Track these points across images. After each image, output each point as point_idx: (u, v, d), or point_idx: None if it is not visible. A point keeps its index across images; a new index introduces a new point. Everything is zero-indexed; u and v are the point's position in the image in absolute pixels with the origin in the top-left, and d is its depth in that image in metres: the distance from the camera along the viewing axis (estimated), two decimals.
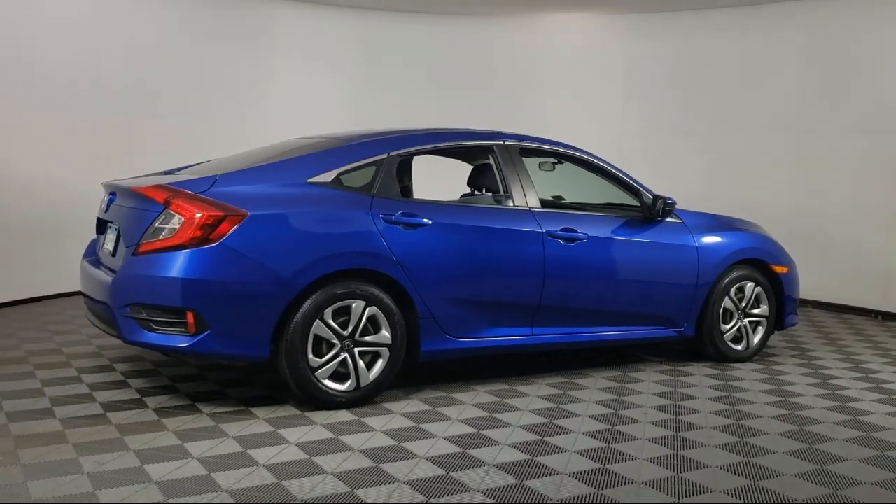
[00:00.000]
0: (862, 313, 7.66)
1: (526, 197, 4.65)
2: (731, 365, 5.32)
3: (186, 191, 3.88)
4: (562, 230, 4.65)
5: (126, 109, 7.42)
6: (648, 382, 4.79)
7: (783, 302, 5.57)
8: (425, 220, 4.24)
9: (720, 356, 5.34)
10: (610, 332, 4.93)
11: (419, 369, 4.62)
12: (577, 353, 5.34)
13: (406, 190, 5.62)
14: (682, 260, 5.12)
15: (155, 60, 7.66)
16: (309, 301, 3.91)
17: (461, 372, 4.82)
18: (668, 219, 5.13)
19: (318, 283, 3.94)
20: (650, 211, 5.03)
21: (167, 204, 3.82)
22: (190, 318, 3.75)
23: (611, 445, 3.63)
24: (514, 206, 4.60)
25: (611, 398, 4.41)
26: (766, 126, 8.28)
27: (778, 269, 5.53)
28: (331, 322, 3.97)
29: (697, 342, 5.34)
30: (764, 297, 5.47)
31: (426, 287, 4.21)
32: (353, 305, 4.02)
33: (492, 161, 4.76)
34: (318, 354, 3.96)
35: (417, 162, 5.64)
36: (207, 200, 3.82)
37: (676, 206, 5.10)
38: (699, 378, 4.93)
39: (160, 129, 7.62)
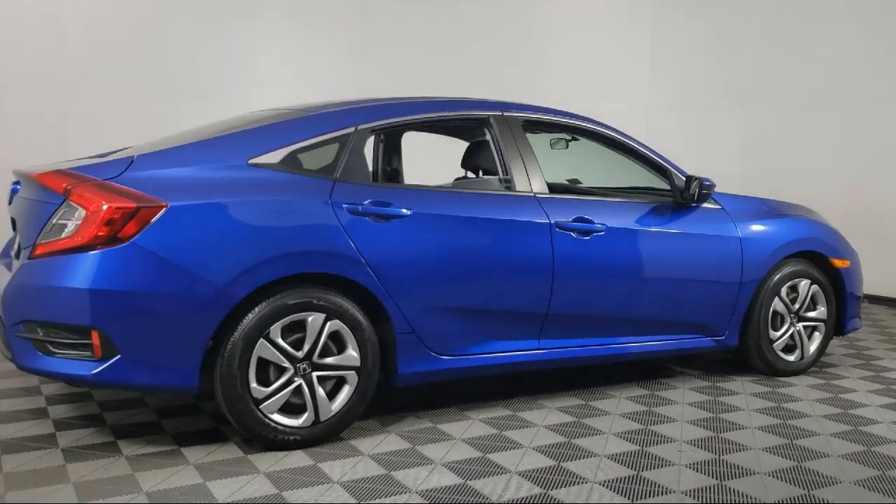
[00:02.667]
0: None
1: (530, 180, 3.78)
2: (782, 380, 4.43)
3: (92, 177, 3.06)
4: (574, 221, 3.78)
5: (91, 86, 6.64)
6: (683, 405, 3.91)
7: (844, 302, 4.65)
8: (403, 210, 3.39)
9: (769, 369, 4.44)
10: (634, 344, 4.05)
11: (399, 393, 3.79)
12: (595, 368, 4.47)
13: (393, 175, 4.77)
14: (723, 254, 4.22)
15: (122, 31, 6.86)
16: (251, 315, 3.08)
17: (453, 393, 3.98)
18: (705, 204, 4.24)
19: (262, 293, 3.11)
20: (683, 195, 4.13)
21: (67, 194, 3.01)
22: (95, 338, 2.95)
23: (636, 502, 2.78)
24: (515, 191, 3.74)
25: (637, 428, 3.54)
26: (813, 99, 7.30)
27: (839, 262, 4.60)
28: (280, 341, 3.14)
29: (741, 353, 4.45)
30: (821, 297, 4.56)
31: (404, 294, 3.37)
32: (310, 319, 3.19)
33: (488, 136, 3.89)
34: (265, 382, 3.14)
35: (411, 141, 4.79)
36: (117, 189, 3.01)
37: (715, 190, 4.19)
38: (745, 398, 4.04)
39: (129, 108, 6.81)
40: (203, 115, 6.69)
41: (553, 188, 3.99)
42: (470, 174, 4.16)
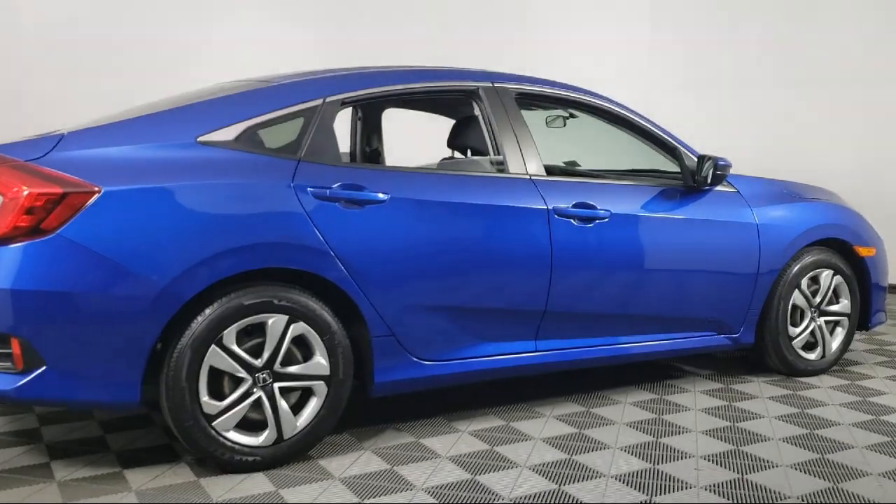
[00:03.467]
0: None
1: (525, 161, 3.34)
2: (803, 381, 4.01)
3: (11, 158, 2.61)
4: (575, 206, 3.34)
5: (48, 64, 6.16)
6: (695, 412, 3.49)
7: (869, 294, 4.24)
8: (378, 194, 2.94)
9: (788, 368, 4.03)
10: (642, 344, 3.63)
11: (378, 404, 3.36)
12: (596, 370, 4.04)
13: (373, 157, 4.33)
14: (738, 242, 3.79)
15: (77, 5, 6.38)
16: (200, 318, 2.65)
17: (440, 402, 3.55)
18: (719, 187, 3.81)
19: (213, 292, 2.68)
20: (695, 177, 3.70)
21: None
22: (15, 347, 2.51)
23: None
24: (508, 173, 3.30)
25: (646, 441, 3.12)
26: (819, 77, 6.87)
27: (863, 251, 4.18)
28: (235, 348, 2.71)
29: (757, 351, 4.03)
30: (845, 289, 4.14)
31: (380, 291, 2.94)
32: (271, 322, 2.75)
33: (477, 111, 3.45)
34: (218, 395, 2.71)
35: (394, 120, 4.35)
36: (40, 171, 2.56)
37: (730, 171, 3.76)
38: (764, 403, 3.63)
39: (86, 87, 6.33)
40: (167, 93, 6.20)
41: (550, 171, 3.56)
42: (458, 154, 3.71)
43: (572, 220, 3.32)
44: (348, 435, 3.14)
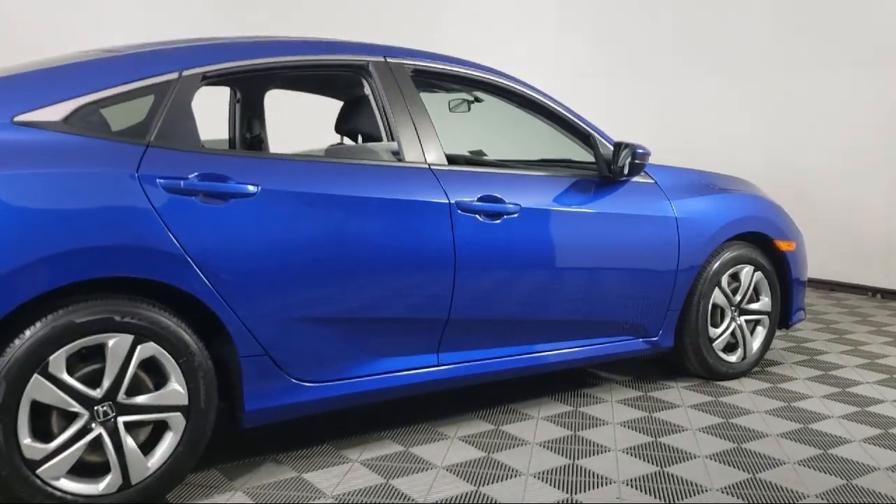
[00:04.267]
0: (853, 290, 6.24)
1: (423, 148, 2.92)
2: (724, 385, 3.75)
3: None
4: (481, 200, 2.95)
5: None
6: (614, 426, 3.16)
7: (790, 290, 4.02)
8: (247, 186, 2.47)
9: (708, 372, 3.76)
10: (554, 352, 3.27)
11: (254, 432, 2.88)
12: (506, 380, 3.67)
13: (256, 144, 3.83)
14: (657, 238, 3.48)
15: None
16: (18, 341, 2.12)
17: (329, 426, 3.10)
18: (636, 178, 3.48)
19: (35, 308, 2.16)
20: (610, 167, 3.36)
21: None
22: None
23: None
24: (403, 162, 2.87)
25: (562, 464, 2.76)
26: (735, 64, 6.74)
27: (784, 245, 3.95)
28: (65, 377, 2.19)
29: (676, 355, 3.74)
30: (765, 286, 3.90)
31: (250, 303, 2.47)
32: (111, 343, 2.24)
33: (368, 90, 3.01)
34: (45, 435, 2.19)
35: (287, 104, 3.86)
36: None
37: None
38: (686, 413, 3.33)
39: None
40: None
41: (453, 161, 3.16)
42: (347, 141, 3.26)
43: (478, 216, 2.92)
44: (217, 472, 2.66)
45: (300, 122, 4.58)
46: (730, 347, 3.83)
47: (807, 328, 4.95)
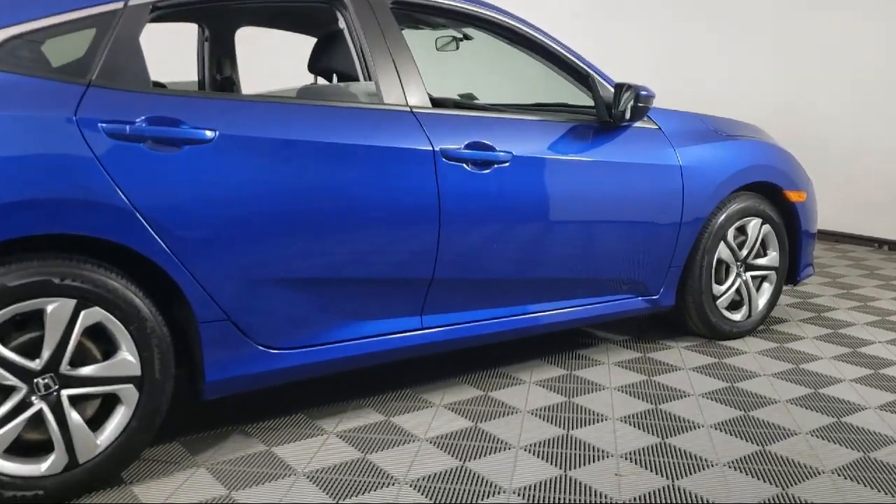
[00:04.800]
0: (859, 242, 6.01)
1: (404, 89, 2.63)
2: (727, 345, 3.53)
3: None
4: (468, 147, 2.67)
5: None
6: (611, 391, 2.95)
7: (799, 244, 3.78)
8: (204, 131, 2.19)
9: (711, 332, 3.54)
10: (549, 313, 3.03)
11: (220, 402, 2.65)
12: (495, 344, 3.44)
13: (227, 87, 3.53)
14: (660, 188, 3.22)
15: None
16: None
17: (304, 391, 2.88)
18: (638, 123, 3.20)
19: None
20: (611, 112, 3.08)
21: None
22: None
23: None
24: (382, 104, 2.58)
25: (555, 435, 2.55)
26: (740, 11, 6.38)
27: (794, 196, 3.70)
28: None
29: (678, 313, 3.51)
30: (773, 240, 3.66)
31: (209, 262, 2.21)
32: (50, 309, 1.99)
33: (343, 24, 2.70)
34: None
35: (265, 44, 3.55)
36: None
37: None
38: (688, 377, 3.11)
39: None
40: None
41: (439, 104, 2.88)
42: (322, 81, 2.97)
43: (465, 165, 2.65)
44: (179, 446, 2.44)
45: (281, 64, 4.27)
46: (734, 305, 3.60)
47: (812, 282, 4.73)
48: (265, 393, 2.73)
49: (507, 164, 2.75)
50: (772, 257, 3.66)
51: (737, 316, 3.59)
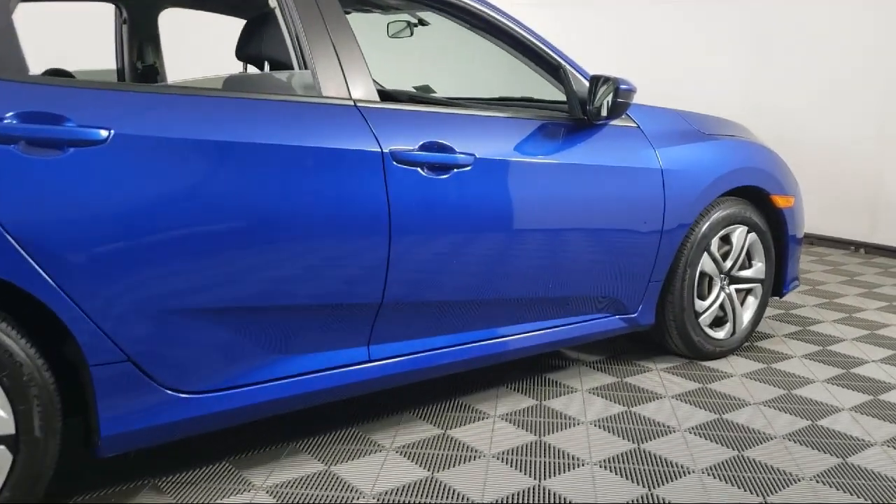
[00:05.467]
0: (835, 245, 5.77)
1: (347, 79, 2.23)
2: (710, 367, 3.21)
3: None
4: (423, 148, 2.28)
5: None
6: (587, 426, 2.59)
7: (786, 253, 3.46)
8: (96, 131, 1.76)
9: (693, 351, 3.21)
10: (516, 337, 2.66)
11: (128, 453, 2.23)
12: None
13: (150, 76, 3.09)
14: (640, 195, 2.87)
15: None
16: None
17: (228, 440, 2.46)
18: (617, 121, 2.85)
19: None
20: (586, 108, 2.72)
21: None
22: None
23: None
24: (320, 97, 2.18)
25: (523, 485, 2.18)
26: None
27: (782, 200, 3.39)
28: None
29: (657, 332, 3.18)
30: (759, 249, 3.34)
31: (102, 292, 1.79)
32: None
33: (275, 4, 2.29)
34: None
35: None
36: None
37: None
38: (671, 406, 2.77)
39: None
40: None
41: (390, 98, 2.49)
42: (253, 70, 2.56)
43: (419, 169, 2.27)
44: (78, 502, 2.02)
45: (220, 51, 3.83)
46: (717, 321, 3.28)
47: (795, 292, 4.44)
48: (179, 443, 2.31)
49: (468, 168, 2.37)
50: (757, 268, 3.34)
51: (720, 334, 3.26)
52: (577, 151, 2.69)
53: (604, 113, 2.69)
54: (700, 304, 3.16)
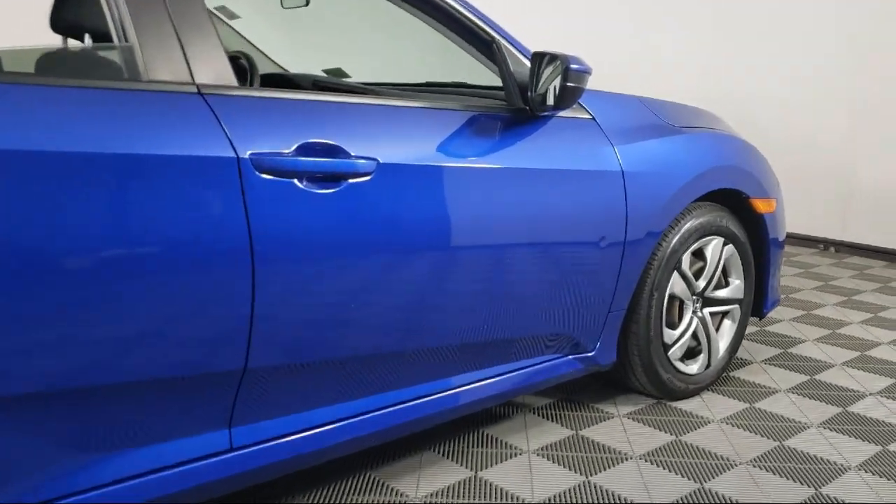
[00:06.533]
0: (801, 242, 5.29)
1: (187, 57, 1.57)
2: (683, 408, 2.64)
3: None
4: (301, 151, 1.64)
5: None
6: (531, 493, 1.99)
7: (767, 267, 2.92)
8: None
9: (662, 391, 2.63)
10: (434, 398, 2.03)
11: None
12: None
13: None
14: (595, 204, 2.27)
15: None
16: None
17: None
18: (564, 112, 2.24)
19: None
20: (527, 95, 2.10)
21: None
22: None
23: None
24: (146, 81, 1.51)
25: None
26: None
27: (763, 205, 2.83)
28: None
29: (620, 371, 2.60)
30: (737, 264, 2.78)
31: None
32: None
33: None
34: None
35: None
36: None
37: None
38: (637, 469, 2.19)
39: None
40: None
41: (278, 83, 1.84)
42: (74, 44, 1.88)
43: (296, 181, 1.62)
44: None
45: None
46: (688, 352, 2.71)
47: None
48: None
49: (367, 178, 1.73)
50: (735, 287, 2.79)
51: (693, 367, 2.70)
52: (515, 151, 2.08)
53: (550, 101, 2.08)
54: (669, 335, 2.58)
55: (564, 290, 2.23)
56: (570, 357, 2.35)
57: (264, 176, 1.57)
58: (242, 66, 2.66)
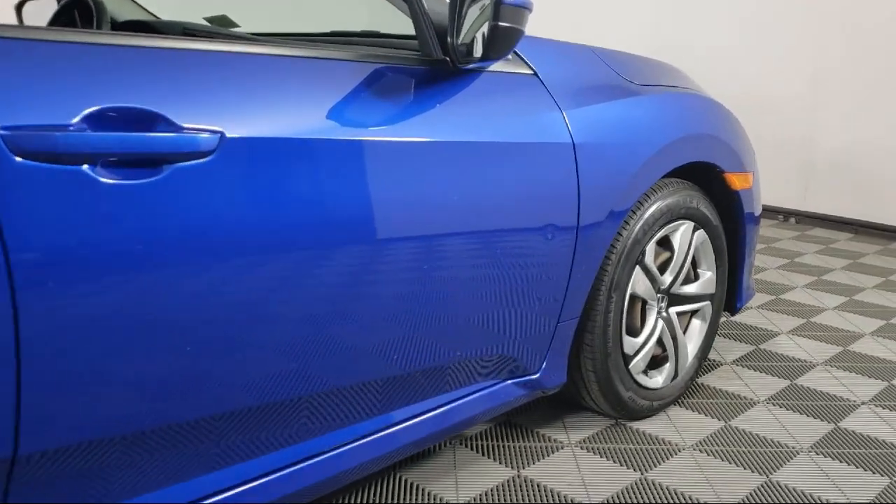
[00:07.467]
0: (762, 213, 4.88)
1: None
2: (645, 431, 2.17)
3: None
4: (92, 122, 1.07)
5: None
6: None
7: (741, 254, 2.45)
8: None
9: (621, 410, 2.15)
10: (335, 453, 1.50)
11: None
12: None
13: None
14: (539, 185, 1.74)
15: None
16: None
17: None
18: (498, 65, 1.69)
19: None
20: (447, 43, 1.54)
21: None
22: None
23: None
24: None
25: None
26: None
27: (739, 180, 2.35)
28: None
29: (572, 388, 2.10)
30: (709, 253, 2.31)
31: None
32: None
33: None
34: None
35: None
36: None
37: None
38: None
39: None
40: None
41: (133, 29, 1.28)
42: None
43: (85, 167, 1.06)
44: None
45: None
46: (652, 362, 2.23)
47: None
48: None
49: (204, 160, 1.17)
50: (706, 280, 2.31)
51: (658, 379, 2.22)
52: (430, 118, 1.53)
53: (477, 52, 1.54)
54: (631, 344, 2.10)
55: (499, 297, 1.71)
56: (510, 382, 1.84)
57: (26, 161, 1.00)
58: (87, 6, 2.07)
